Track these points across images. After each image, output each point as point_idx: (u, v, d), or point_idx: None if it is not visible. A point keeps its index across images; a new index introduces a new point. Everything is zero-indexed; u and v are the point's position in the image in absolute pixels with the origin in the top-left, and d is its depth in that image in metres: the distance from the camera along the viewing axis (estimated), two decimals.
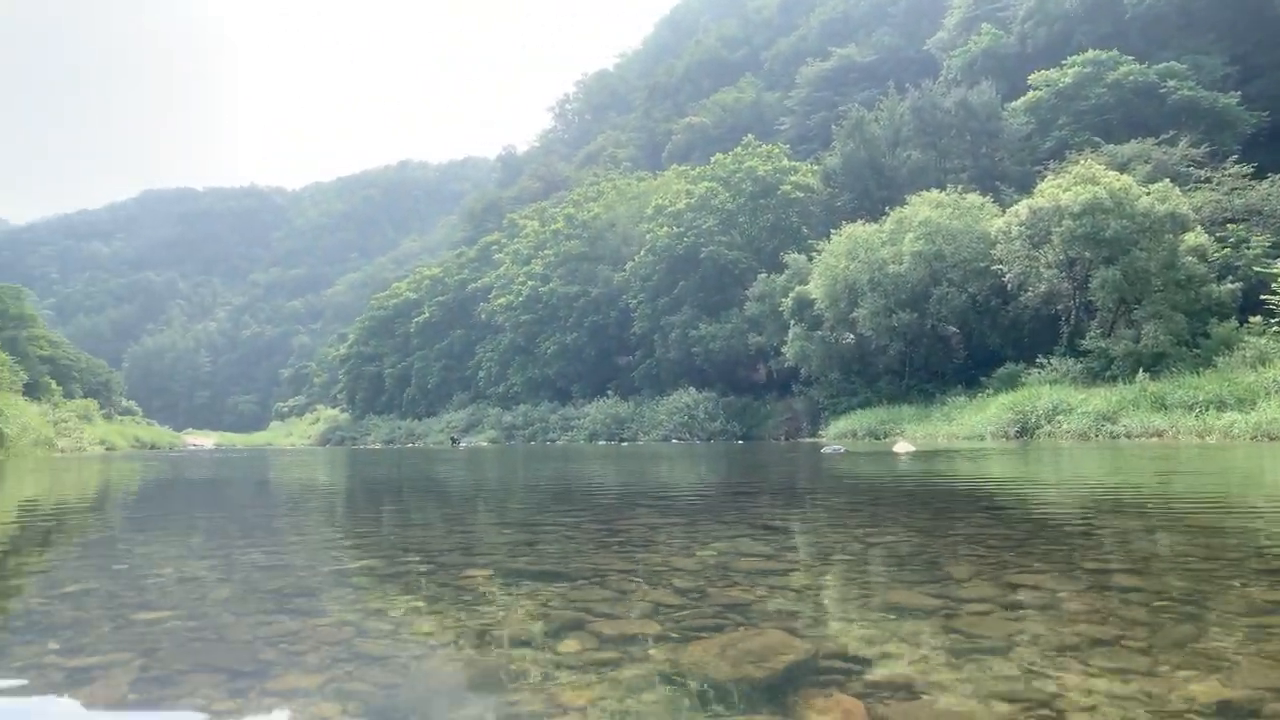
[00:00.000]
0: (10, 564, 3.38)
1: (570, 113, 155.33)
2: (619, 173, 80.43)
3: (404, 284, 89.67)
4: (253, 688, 1.66)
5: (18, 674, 1.72)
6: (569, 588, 2.65)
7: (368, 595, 2.52)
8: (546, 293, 59.77)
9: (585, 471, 11.09)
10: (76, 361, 74.17)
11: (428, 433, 62.90)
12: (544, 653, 1.94)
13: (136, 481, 9.93)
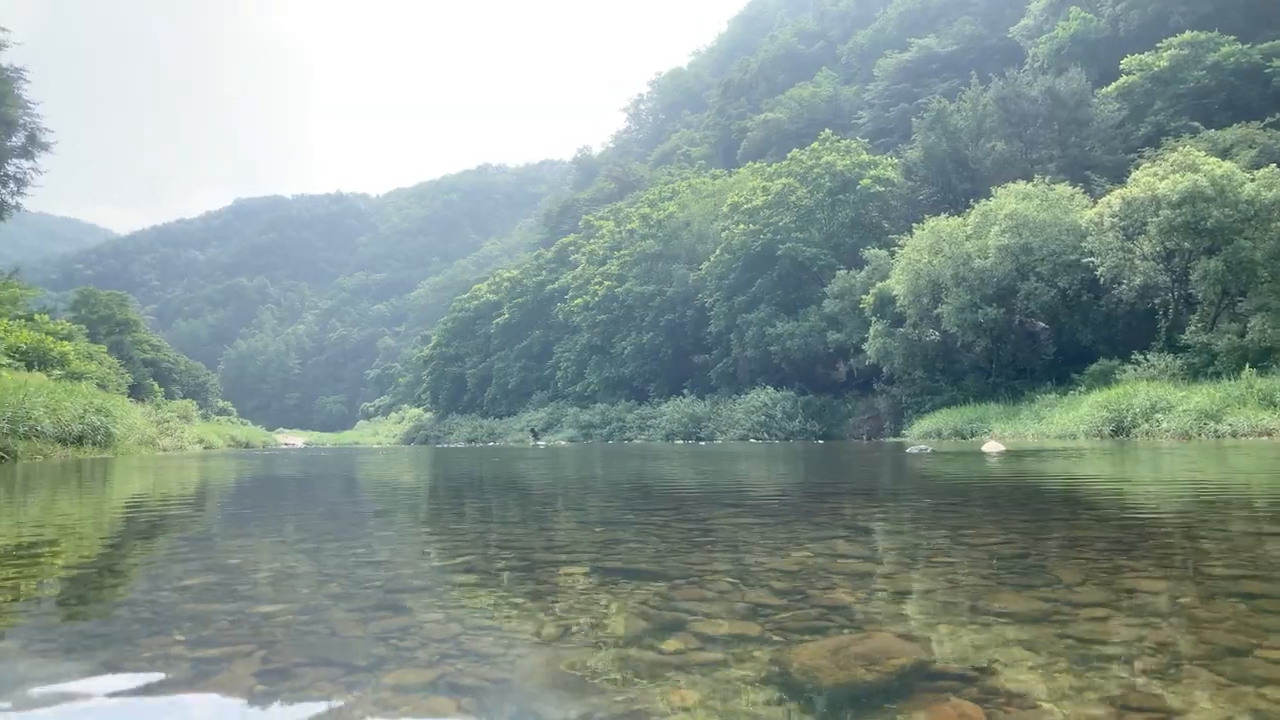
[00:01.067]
0: (128, 557, 3.53)
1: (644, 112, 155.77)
2: (693, 171, 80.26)
3: (484, 286, 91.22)
4: (368, 682, 1.70)
5: (148, 664, 1.79)
6: (666, 587, 2.64)
7: (470, 592, 2.55)
8: (622, 293, 60.04)
9: (666, 470, 11.08)
10: (176, 364, 77.63)
11: (508, 431, 63.89)
12: (648, 652, 1.93)
13: (235, 479, 10.32)
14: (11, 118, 21.82)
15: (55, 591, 2.71)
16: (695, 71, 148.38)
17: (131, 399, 37.43)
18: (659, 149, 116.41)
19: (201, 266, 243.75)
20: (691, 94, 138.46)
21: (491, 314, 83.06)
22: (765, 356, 46.01)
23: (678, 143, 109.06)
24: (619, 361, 60.14)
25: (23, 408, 17.15)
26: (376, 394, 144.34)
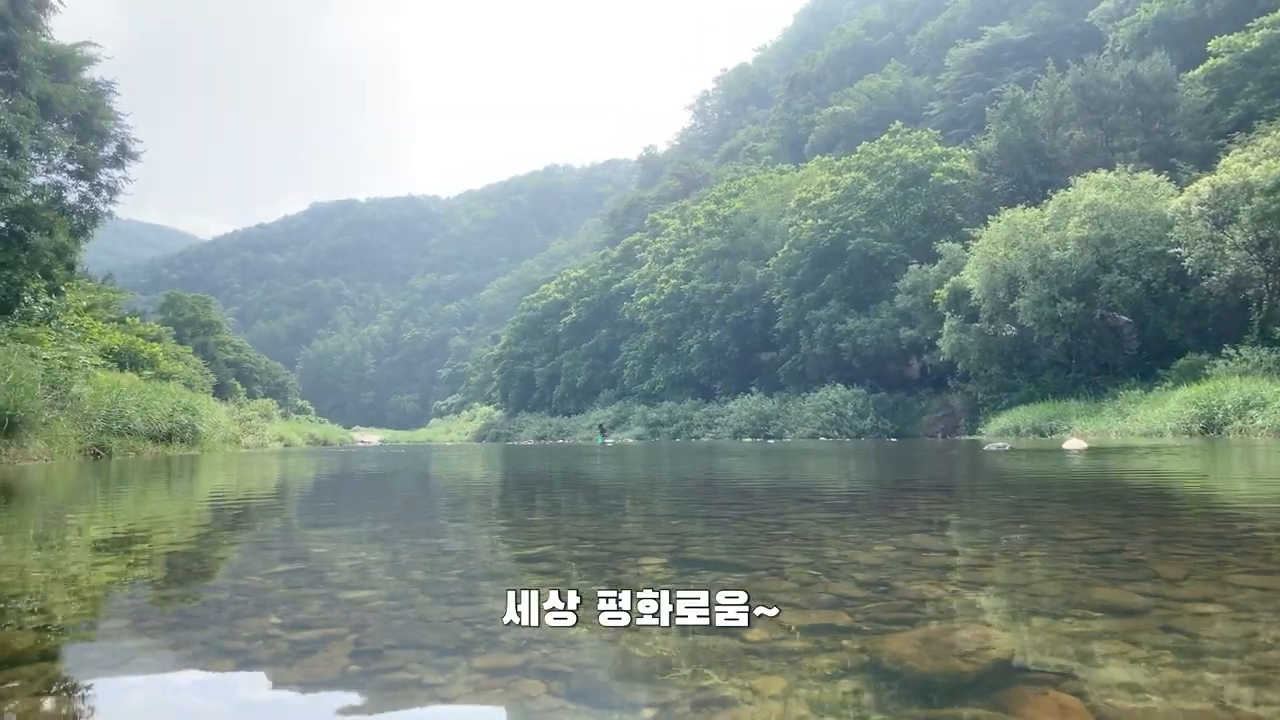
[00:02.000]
0: (220, 546, 3.66)
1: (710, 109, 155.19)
2: (760, 167, 79.63)
3: (551, 286, 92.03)
4: (458, 664, 1.72)
5: (247, 643, 1.85)
6: (747, 578, 2.62)
7: (551, 580, 2.57)
8: (688, 290, 59.92)
9: (736, 467, 11.02)
10: (257, 364, 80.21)
11: (576, 429, 64.37)
12: (734, 640, 1.92)
13: (315, 474, 10.62)
14: (103, 129, 22.70)
15: (156, 576, 2.83)
16: (761, 67, 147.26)
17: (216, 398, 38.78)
18: (725, 145, 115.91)
19: (280, 269, 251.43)
20: (757, 89, 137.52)
21: (559, 313, 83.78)
22: (835, 353, 45.41)
23: (744, 139, 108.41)
24: (685, 359, 60.05)
25: (116, 407, 17.93)
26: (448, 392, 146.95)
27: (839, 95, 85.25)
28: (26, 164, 19.31)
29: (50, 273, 21.79)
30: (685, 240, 65.55)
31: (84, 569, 2.95)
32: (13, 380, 12.56)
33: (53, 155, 21.87)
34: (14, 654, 1.84)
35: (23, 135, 18.37)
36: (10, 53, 18.70)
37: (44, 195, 21.64)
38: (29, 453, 12.81)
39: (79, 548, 3.53)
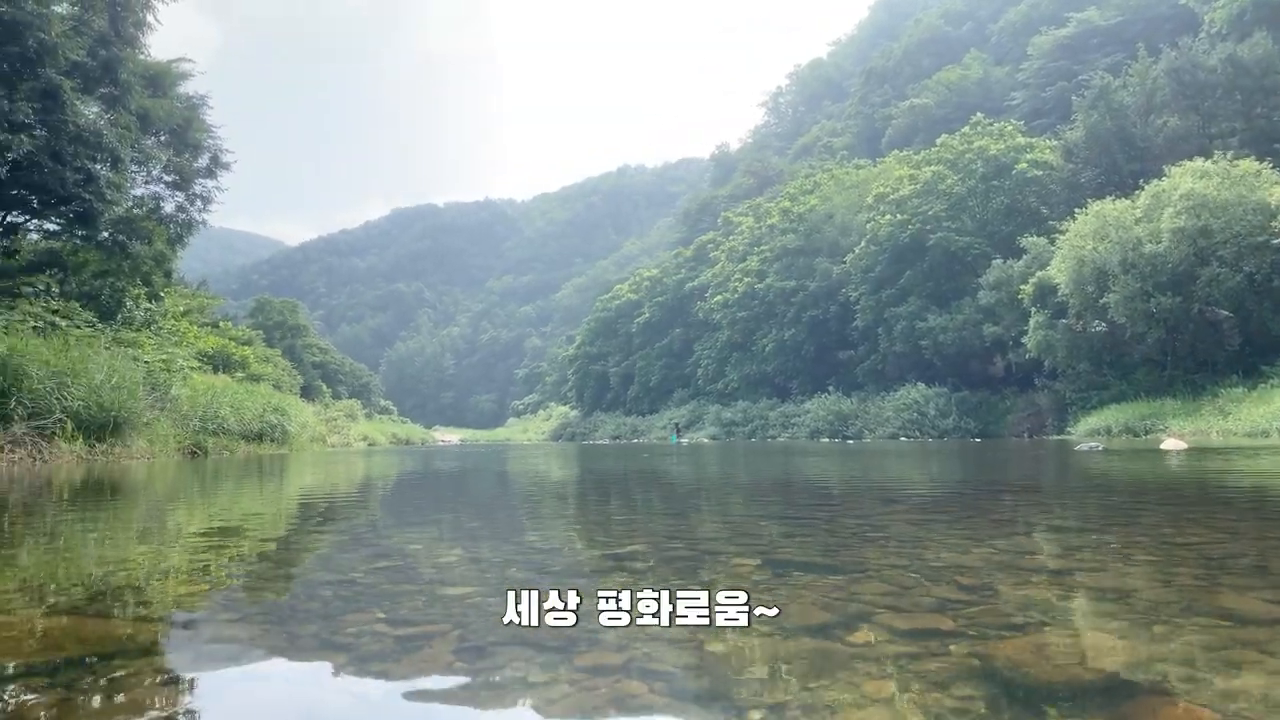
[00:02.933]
0: (317, 542, 3.75)
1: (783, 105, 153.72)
2: (835, 162, 78.54)
3: (625, 286, 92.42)
4: (562, 662, 1.72)
5: (355, 638, 1.88)
6: (845, 580, 2.56)
7: (645, 579, 2.56)
8: (763, 289, 59.44)
9: (817, 467, 10.86)
10: (342, 366, 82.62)
11: (650, 429, 64.48)
12: (836, 644, 1.87)
13: (400, 472, 10.86)
14: (197, 141, 23.67)
15: (258, 570, 2.91)
16: (835, 61, 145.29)
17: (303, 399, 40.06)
18: (799, 142, 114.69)
19: (363, 274, 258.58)
20: (832, 84, 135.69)
21: (632, 313, 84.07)
22: (915, 351, 44.46)
23: (818, 134, 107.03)
24: (760, 358, 59.58)
25: (211, 407, 18.66)
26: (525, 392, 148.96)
27: (917, 88, 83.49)
28: (127, 176, 20.24)
29: (150, 279, 22.83)
30: (759, 238, 65.05)
31: (187, 562, 3.06)
32: (117, 382, 13.17)
33: (151, 167, 22.90)
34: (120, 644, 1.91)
35: (124, 149, 19.26)
36: (112, 71, 19.62)
37: (143, 206, 22.68)
38: (132, 451, 13.42)
39: (181, 542, 3.67)
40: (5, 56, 16.30)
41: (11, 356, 11.16)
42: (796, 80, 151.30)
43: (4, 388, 10.84)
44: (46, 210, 19.43)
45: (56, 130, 17.42)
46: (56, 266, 21.06)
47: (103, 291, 21.23)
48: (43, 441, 11.23)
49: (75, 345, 13.10)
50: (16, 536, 3.78)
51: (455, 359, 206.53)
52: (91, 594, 2.41)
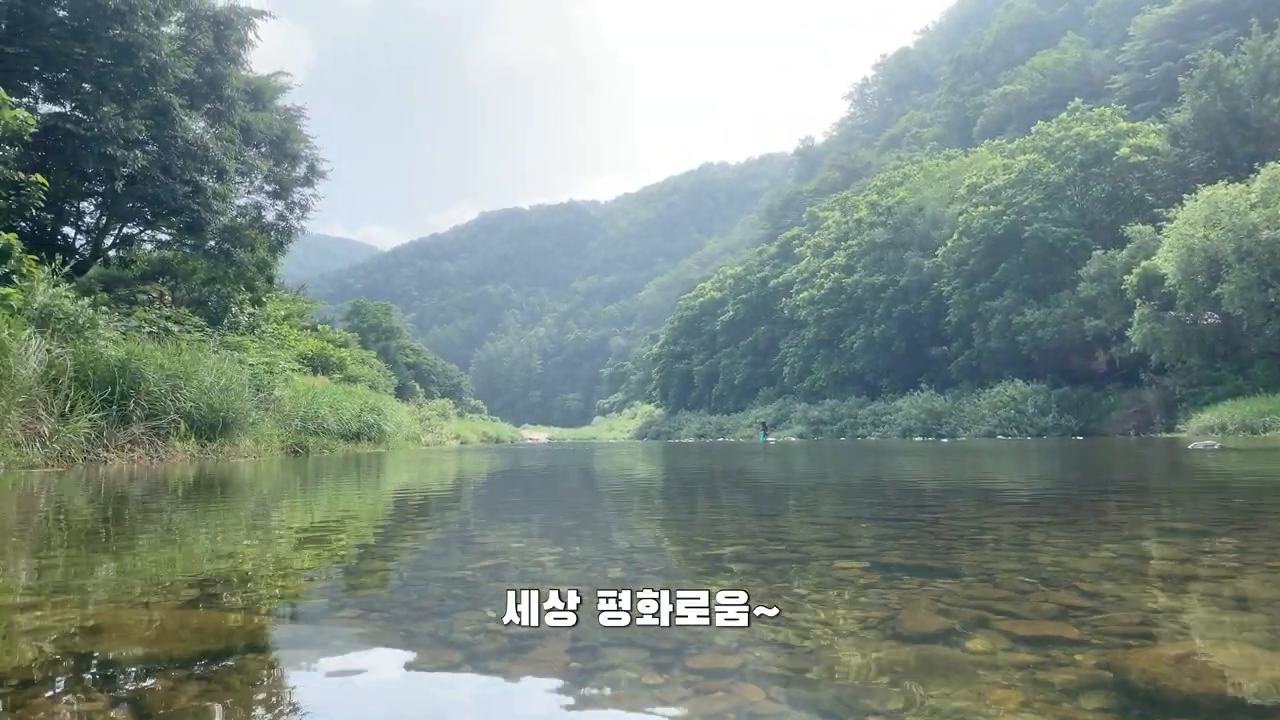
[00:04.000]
0: (423, 538, 3.82)
1: (869, 96, 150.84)
2: (925, 154, 76.67)
3: (708, 284, 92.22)
4: (675, 664, 1.69)
5: (471, 635, 1.89)
6: (957, 584, 2.46)
7: (751, 582, 2.51)
8: (851, 284, 58.43)
9: (913, 467, 10.59)
10: (434, 366, 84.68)
11: (736, 427, 64.10)
12: (955, 650, 1.79)
13: (495, 470, 11.03)
14: (295, 152, 24.60)
15: (366, 567, 2.97)
16: (923, 50, 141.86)
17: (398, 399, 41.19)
18: (886, 133, 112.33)
19: (453, 277, 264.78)
20: (919, 74, 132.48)
21: (716, 311, 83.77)
22: (1012, 347, 43.02)
23: (906, 125, 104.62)
24: (848, 356, 58.57)
25: (312, 408, 19.33)
26: (610, 391, 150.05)
27: (1009, 74, 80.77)
28: (232, 187, 21.15)
29: (253, 285, 23.82)
30: (846, 233, 63.98)
31: (299, 557, 3.14)
32: (225, 385, 13.76)
33: (253, 178, 23.90)
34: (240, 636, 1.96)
35: (228, 161, 20.13)
36: (217, 87, 20.53)
37: (246, 215, 23.69)
38: (240, 450, 14.01)
39: (290, 537, 3.78)
40: (120, 77, 17.21)
41: (130, 361, 11.76)
42: (883, 71, 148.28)
43: (124, 390, 11.43)
44: (158, 221, 20.46)
45: (167, 145, 18.32)
46: (168, 274, 22.17)
47: (210, 298, 22.23)
48: (159, 441, 11.81)
49: (187, 349, 13.73)
50: (138, 530, 3.96)
51: (542, 359, 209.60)
52: (208, 586, 2.49)
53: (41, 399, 9.82)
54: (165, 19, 18.30)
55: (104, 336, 12.12)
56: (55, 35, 16.45)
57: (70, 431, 9.98)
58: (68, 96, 18.16)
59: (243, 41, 21.24)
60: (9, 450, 8.77)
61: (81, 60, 16.81)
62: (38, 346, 9.84)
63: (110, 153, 16.81)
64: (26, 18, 16.25)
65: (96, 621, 2.00)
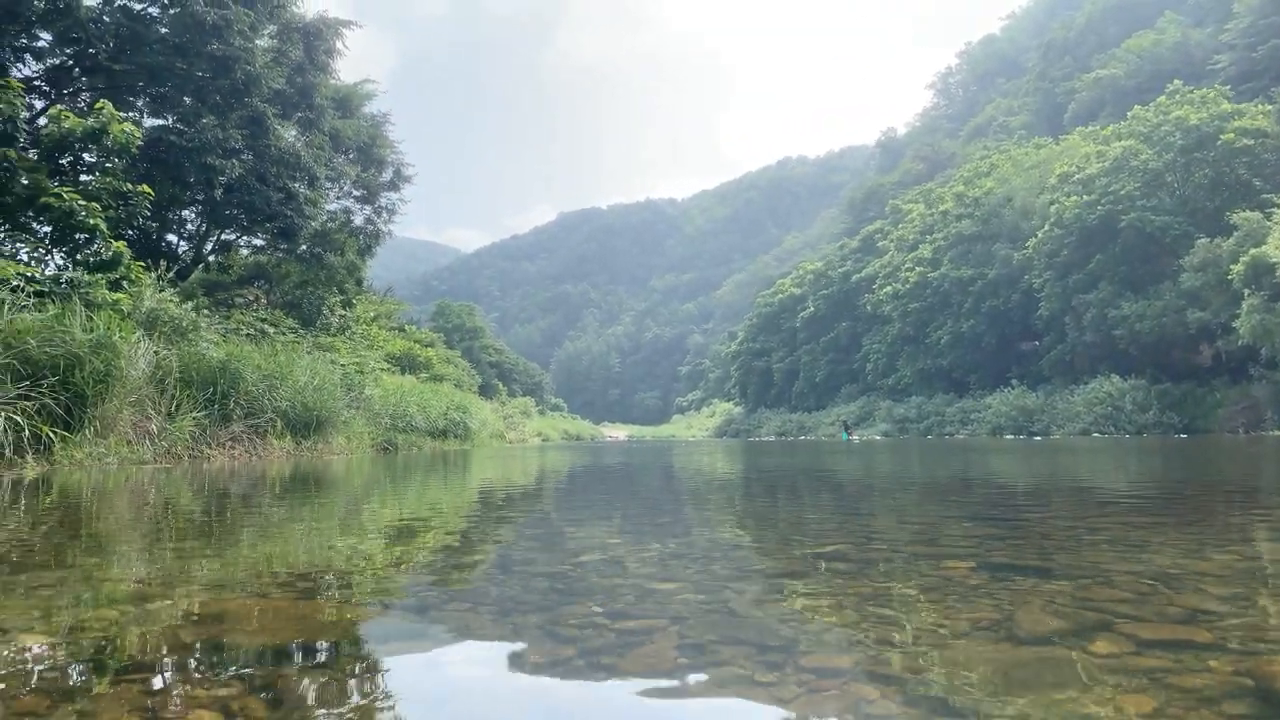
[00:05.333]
0: (522, 533, 3.83)
1: (953, 86, 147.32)
2: (1013, 142, 74.38)
3: (787, 280, 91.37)
4: (786, 662, 1.65)
5: (579, 630, 1.87)
6: (1072, 585, 2.34)
7: (854, 580, 2.44)
8: (936, 278, 57.08)
9: (1007, 465, 10.24)
10: (516, 365, 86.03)
11: (817, 425, 63.30)
12: (1075, 652, 1.70)
13: (579, 466, 11.10)
14: (381, 157, 25.27)
15: (471, 559, 2.99)
16: (1010, 36, 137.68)
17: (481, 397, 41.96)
18: (971, 123, 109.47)
19: (533, 277, 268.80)
20: (1006, 60, 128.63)
21: (796, 308, 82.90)
22: (1108, 341, 41.38)
23: (993, 114, 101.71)
24: (935, 352, 57.23)
25: (400, 406, 19.84)
26: (688, 389, 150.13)
27: (1102, 58, 77.67)
28: (322, 193, 21.85)
29: (343, 288, 24.56)
30: (931, 225, 62.57)
31: (396, 550, 3.19)
32: (318, 384, 14.21)
33: (342, 184, 24.65)
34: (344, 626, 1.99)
35: (319, 168, 20.79)
36: (308, 96, 21.22)
37: (336, 220, 24.45)
38: (332, 447, 14.45)
39: (385, 530, 3.85)
40: (217, 89, 17.95)
41: (230, 362, 12.25)
42: (967, 59, 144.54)
43: (225, 390, 11.91)
44: (254, 227, 21.27)
45: (261, 154, 19.03)
46: (263, 278, 23.03)
47: (303, 300, 23.00)
48: (257, 438, 12.27)
49: (282, 350, 14.22)
50: (244, 524, 4.09)
51: (620, 357, 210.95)
52: (318, 578, 2.54)
53: (150, 398, 10.29)
54: (259, 32, 19.01)
55: (206, 338, 12.63)
56: (158, 52, 17.24)
57: (177, 429, 10.43)
58: (170, 110, 19.03)
59: (331, 51, 21.90)
60: (121, 447, 9.21)
61: (182, 75, 17.58)
62: (146, 349, 10.31)
63: (210, 162, 17.54)
64: (132, 36, 17.07)
65: (218, 610, 2.06)
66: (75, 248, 12.26)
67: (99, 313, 9.70)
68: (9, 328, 8.24)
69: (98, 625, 1.93)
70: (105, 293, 10.78)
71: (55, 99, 17.88)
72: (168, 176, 17.43)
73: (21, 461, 7.67)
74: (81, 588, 2.35)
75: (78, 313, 9.14)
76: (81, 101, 18.09)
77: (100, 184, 13.07)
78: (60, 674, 1.56)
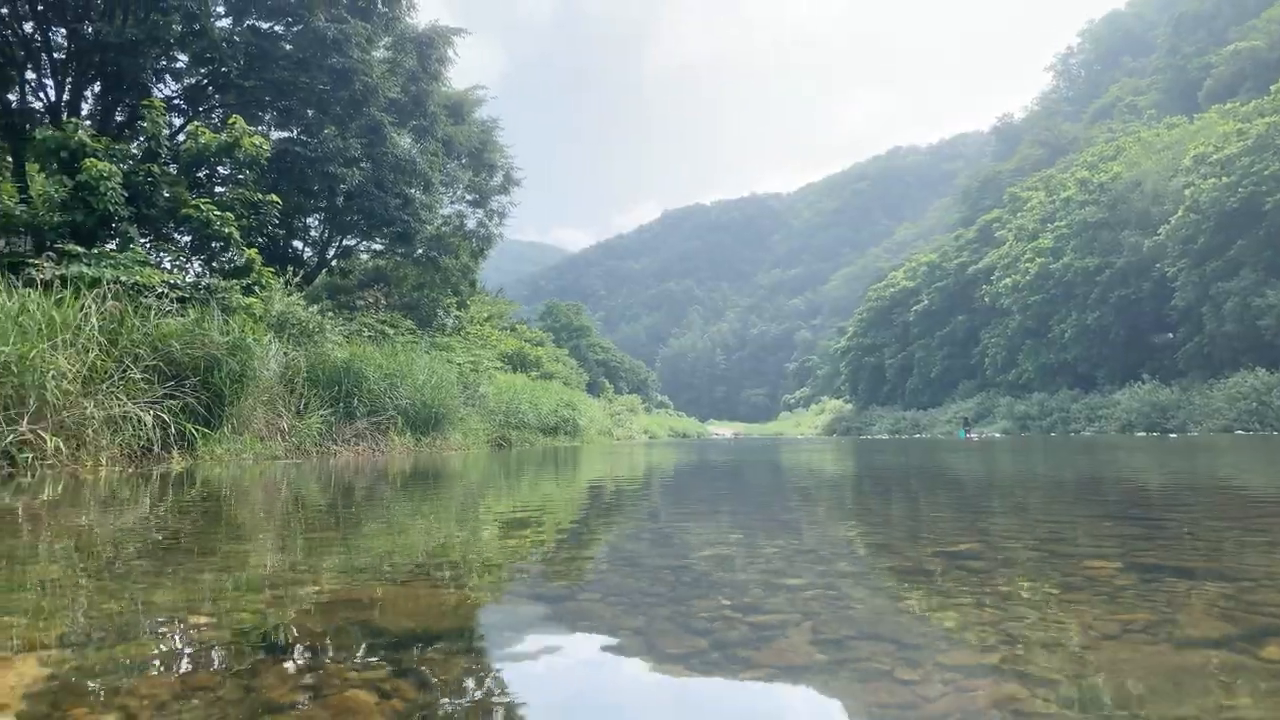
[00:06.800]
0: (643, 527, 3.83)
1: (1074, 66, 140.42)
2: (1141, 123, 70.39)
3: (899, 273, 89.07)
4: (927, 660, 1.58)
5: (709, 623, 1.85)
6: (1234, 588, 2.17)
7: (990, 579, 2.32)
8: (1059, 269, 54.52)
9: (1142, 464, 9.66)
10: (622, 363, 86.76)
11: (933, 423, 61.41)
12: (1245, 658, 1.57)
13: (689, 463, 11.07)
14: (492, 161, 25.91)
15: (594, 552, 3.01)
16: (1136, 11, 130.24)
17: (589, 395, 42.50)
18: (1095, 104, 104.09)
19: (638, 275, 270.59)
20: (1132, 37, 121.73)
21: (909, 301, 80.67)
22: (1251, 332, 38.63)
23: (1118, 94, 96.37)
24: (1058, 346, 54.68)
25: (513, 404, 20.29)
26: (796, 386, 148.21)
27: (1242, 29, 72.45)
28: (437, 198, 22.54)
29: (458, 289, 25.29)
30: (1053, 213, 59.81)
31: (522, 541, 3.23)
32: (436, 382, 14.67)
33: (455, 188, 25.39)
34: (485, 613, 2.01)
35: (433, 174, 21.45)
36: (422, 104, 21.92)
37: (450, 224, 25.20)
38: (450, 443, 14.89)
39: (510, 522, 3.91)
40: (338, 100, 18.73)
41: (353, 362, 12.78)
42: (1089, 37, 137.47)
43: (349, 389, 12.44)
44: (373, 232, 22.12)
45: (379, 161, 19.76)
46: (382, 281, 23.95)
47: (420, 302, 23.81)
48: (379, 435, 12.75)
49: (401, 351, 14.75)
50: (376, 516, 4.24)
51: (725, 354, 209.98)
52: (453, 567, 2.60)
53: (281, 397, 10.83)
54: (375, 44, 19.73)
55: (331, 340, 13.22)
56: (283, 67, 18.12)
57: (306, 426, 10.94)
58: (294, 122, 19.98)
59: (443, 59, 22.54)
60: (256, 443, 9.72)
61: (305, 88, 18.43)
62: (277, 350, 10.86)
63: (332, 171, 18.34)
64: (260, 53, 18.00)
65: (358, 596, 2.13)
66: (212, 255, 13.02)
67: (234, 316, 10.27)
68: (156, 331, 8.80)
69: (250, 607, 2.03)
70: (239, 297, 11.41)
71: (192, 116, 19.04)
72: (293, 186, 18.30)
73: (168, 456, 8.18)
74: (233, 573, 2.49)
75: (215, 317, 9.70)
76: (215, 117, 19.20)
77: (233, 195, 13.84)
78: (225, 651, 1.64)
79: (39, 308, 7.59)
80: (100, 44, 16.03)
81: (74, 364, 7.38)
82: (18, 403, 6.83)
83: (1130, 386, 45.49)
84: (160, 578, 2.34)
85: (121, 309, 8.58)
